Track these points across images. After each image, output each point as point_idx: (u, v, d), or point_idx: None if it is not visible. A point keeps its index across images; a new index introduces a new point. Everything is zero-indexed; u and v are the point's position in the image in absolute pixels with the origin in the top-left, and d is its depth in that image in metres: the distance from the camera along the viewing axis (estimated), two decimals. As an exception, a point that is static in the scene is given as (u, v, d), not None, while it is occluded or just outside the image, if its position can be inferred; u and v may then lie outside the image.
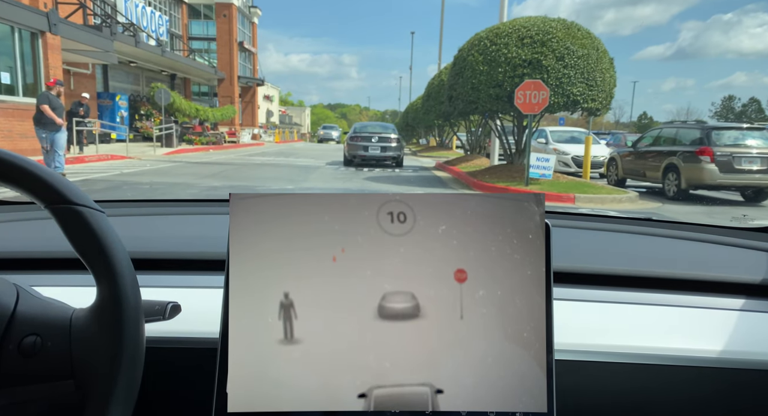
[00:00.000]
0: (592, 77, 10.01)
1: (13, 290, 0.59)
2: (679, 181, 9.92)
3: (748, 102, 72.50)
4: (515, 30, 10.30)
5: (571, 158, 14.80)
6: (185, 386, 0.79)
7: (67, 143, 9.59)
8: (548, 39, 9.99)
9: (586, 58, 9.95)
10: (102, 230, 0.53)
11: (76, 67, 18.09)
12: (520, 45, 10.12)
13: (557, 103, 10.01)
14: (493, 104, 10.39)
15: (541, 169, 10.02)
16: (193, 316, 0.76)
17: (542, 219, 0.62)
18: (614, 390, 0.78)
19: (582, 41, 10.07)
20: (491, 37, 10.49)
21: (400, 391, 0.59)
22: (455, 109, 11.61)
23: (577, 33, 10.15)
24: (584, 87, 9.98)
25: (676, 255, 1.01)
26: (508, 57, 10.12)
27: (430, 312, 0.60)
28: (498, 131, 12.04)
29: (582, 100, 10.01)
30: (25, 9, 12.00)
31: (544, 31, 10.07)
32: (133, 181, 9.74)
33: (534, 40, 10.06)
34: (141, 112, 22.42)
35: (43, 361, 0.54)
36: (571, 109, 10.30)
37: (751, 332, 0.81)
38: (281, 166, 14.53)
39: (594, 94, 10.09)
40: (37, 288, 0.64)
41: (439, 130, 28.06)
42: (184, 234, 1.07)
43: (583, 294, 0.86)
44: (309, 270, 0.59)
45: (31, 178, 0.52)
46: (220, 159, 16.63)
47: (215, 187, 9.34)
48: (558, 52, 9.91)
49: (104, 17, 18.49)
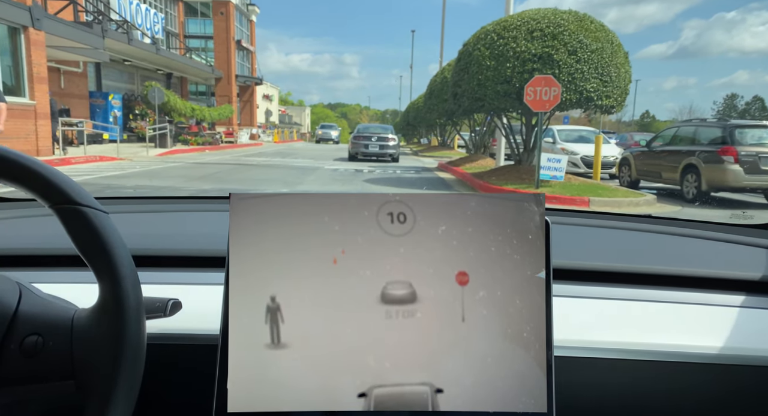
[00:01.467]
0: (607, 72, 9.38)
1: (16, 289, 0.58)
2: (699, 182, 9.32)
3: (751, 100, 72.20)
4: (524, 22, 9.67)
5: (580, 158, 14.19)
6: (186, 383, 0.79)
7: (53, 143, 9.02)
8: (559, 32, 9.36)
9: (600, 52, 9.31)
10: (104, 230, 0.53)
11: (66, 65, 17.50)
12: (530, 38, 9.50)
13: (569, 100, 9.38)
14: (501, 101, 9.75)
15: (552, 170, 9.41)
16: (194, 313, 0.76)
17: (542, 220, 0.61)
18: (614, 387, 0.79)
19: (595, 34, 9.44)
20: (498, 31, 9.86)
21: (400, 391, 0.59)
22: (460, 107, 10.98)
23: (590, 25, 9.52)
24: (598, 83, 9.35)
25: (675, 252, 1.01)
26: (516, 51, 9.49)
27: (430, 312, 0.60)
28: (505, 130, 11.40)
29: (596, 96, 9.38)
30: (6, 3, 11.37)
31: (555, 24, 9.44)
32: (117, 184, 9.13)
33: (544, 33, 9.43)
34: (136, 111, 21.91)
35: (45, 361, 0.54)
36: (584, 106, 9.66)
37: (751, 328, 0.81)
38: (277, 167, 13.97)
39: (608, 91, 9.46)
40: (38, 285, 0.64)
41: (440, 129, 27.46)
42: (185, 231, 1.07)
43: (583, 291, 0.86)
44: (309, 270, 0.59)
45: (35, 178, 0.52)
46: (215, 160, 16.06)
47: (205, 190, 8.77)
48: (570, 45, 9.28)
49: (96, 14, 17.97)
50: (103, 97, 20.39)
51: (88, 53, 16.14)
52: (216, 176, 11.15)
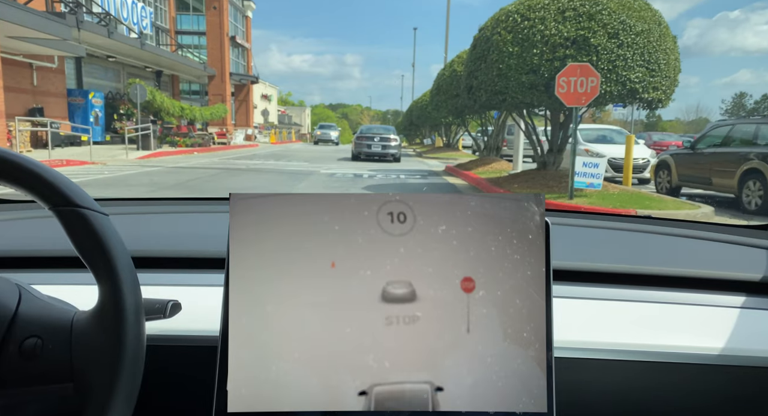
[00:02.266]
0: (654, 59, 7.82)
1: (16, 291, 0.58)
2: (765, 190, 7.79)
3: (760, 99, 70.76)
4: (553, 1, 8.15)
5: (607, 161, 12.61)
6: (185, 384, 0.79)
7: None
8: (597, 11, 7.81)
9: (646, 35, 7.76)
10: (105, 233, 0.53)
11: (38, 60, 15.99)
12: (561, 19, 7.95)
13: (610, 93, 7.83)
14: (526, 95, 8.20)
15: (588, 176, 7.88)
16: (193, 314, 0.76)
17: (542, 220, 0.61)
18: (614, 387, 0.79)
19: (640, 13, 7.89)
20: (522, 11, 8.31)
21: (400, 389, 0.59)
22: (476, 102, 9.43)
23: (633, 3, 7.98)
24: (644, 72, 7.79)
25: (676, 253, 1.00)
26: (545, 34, 7.94)
27: (430, 311, 0.60)
28: (528, 128, 9.84)
29: (641, 88, 7.83)
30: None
31: (592, 1, 7.90)
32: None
33: (578, 13, 7.89)
34: (120, 111, 20.41)
35: (43, 364, 0.54)
36: (628, 100, 8.11)
37: (751, 329, 0.80)
38: (267, 172, 12.45)
39: (656, 81, 7.90)
40: (37, 286, 0.64)
41: (445, 129, 25.86)
42: (185, 232, 1.07)
43: (584, 291, 0.86)
44: (309, 270, 0.59)
45: (35, 179, 0.52)
46: (201, 163, 14.55)
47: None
48: (611, 27, 7.73)
49: (73, 5, 16.49)
50: (83, 96, 18.87)
51: (62, 46, 14.66)
52: (191, 184, 9.62)
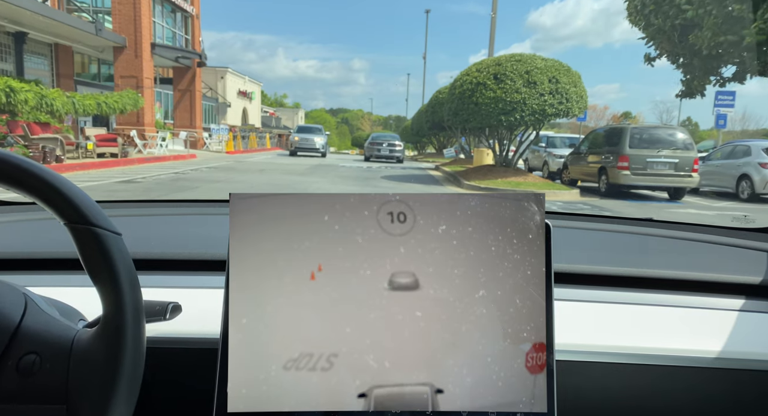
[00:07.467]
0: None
1: (22, 301, 0.58)
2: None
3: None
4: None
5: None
6: (185, 386, 0.80)
7: None
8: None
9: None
10: (115, 255, 0.53)
11: None
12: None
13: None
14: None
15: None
16: (193, 316, 0.77)
17: (542, 220, 0.61)
18: (614, 390, 0.80)
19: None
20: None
21: (400, 391, 0.59)
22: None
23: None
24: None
25: (676, 256, 1.01)
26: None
27: (430, 311, 0.60)
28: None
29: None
30: None
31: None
32: None
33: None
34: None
35: (39, 382, 0.54)
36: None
37: (751, 332, 0.81)
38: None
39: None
40: (40, 288, 0.64)
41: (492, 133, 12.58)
42: (186, 234, 1.08)
43: (584, 294, 0.86)
44: (309, 270, 0.59)
45: (54, 193, 0.52)
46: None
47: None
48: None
49: None
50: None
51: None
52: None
